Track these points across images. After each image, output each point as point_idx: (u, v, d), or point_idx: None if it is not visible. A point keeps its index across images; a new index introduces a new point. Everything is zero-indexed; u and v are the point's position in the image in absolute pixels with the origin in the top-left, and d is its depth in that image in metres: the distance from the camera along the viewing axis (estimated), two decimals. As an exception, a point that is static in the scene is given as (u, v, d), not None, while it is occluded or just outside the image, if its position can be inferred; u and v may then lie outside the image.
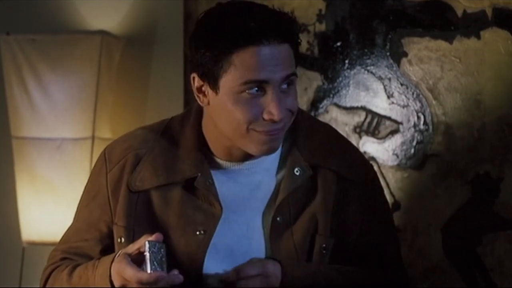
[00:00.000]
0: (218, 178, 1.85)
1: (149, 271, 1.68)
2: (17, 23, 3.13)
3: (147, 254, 1.69)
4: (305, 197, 1.85)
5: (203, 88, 1.80)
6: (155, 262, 1.69)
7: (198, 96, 1.82)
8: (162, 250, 1.71)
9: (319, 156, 1.87)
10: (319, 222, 1.85)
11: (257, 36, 1.72)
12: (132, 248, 1.75)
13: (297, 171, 1.84)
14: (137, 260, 1.73)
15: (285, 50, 1.75)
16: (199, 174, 1.83)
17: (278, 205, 1.83)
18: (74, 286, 1.83)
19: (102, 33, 2.95)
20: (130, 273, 1.69)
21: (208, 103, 1.80)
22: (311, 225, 1.84)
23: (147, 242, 1.70)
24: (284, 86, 1.76)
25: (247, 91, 1.74)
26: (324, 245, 1.85)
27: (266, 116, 1.74)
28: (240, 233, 1.84)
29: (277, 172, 1.87)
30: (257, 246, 1.84)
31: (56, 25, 3.10)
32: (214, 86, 1.77)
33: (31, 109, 2.97)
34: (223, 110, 1.77)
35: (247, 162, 1.85)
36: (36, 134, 2.96)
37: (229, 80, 1.75)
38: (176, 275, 1.70)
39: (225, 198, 1.84)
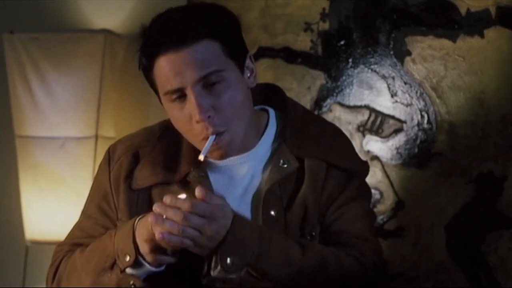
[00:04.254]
0: (212, 175, 1.87)
1: None
2: (20, 21, 3.14)
3: None
4: (295, 188, 1.86)
5: None
6: None
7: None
8: None
9: (307, 147, 1.88)
10: (308, 211, 1.85)
11: (162, 47, 1.75)
12: None
13: (282, 163, 1.85)
14: None
15: (199, 49, 1.75)
16: (192, 169, 1.85)
17: (266, 197, 1.83)
18: (87, 257, 1.84)
19: (106, 31, 2.95)
20: (159, 227, 1.69)
21: None
22: (301, 215, 1.85)
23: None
24: (210, 85, 1.76)
25: (172, 99, 1.78)
26: (313, 233, 1.85)
27: (193, 119, 1.77)
28: None
29: (265, 168, 1.88)
30: None
31: (60, 24, 3.10)
32: (160, 99, 1.84)
33: (35, 108, 2.97)
34: (171, 121, 1.84)
35: (237, 156, 1.86)
36: (40, 133, 2.96)
37: (159, 92, 1.81)
38: None
39: (220, 193, 1.83)
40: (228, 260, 1.71)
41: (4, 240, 3.21)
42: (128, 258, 1.76)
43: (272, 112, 1.94)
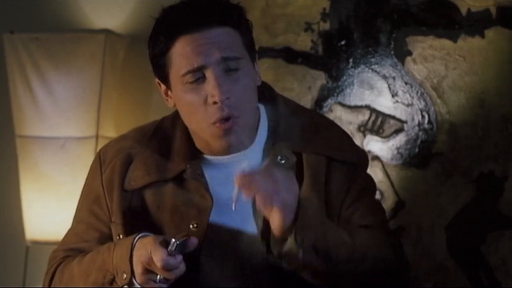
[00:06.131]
0: (208, 173, 1.86)
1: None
2: (21, 21, 3.14)
3: (176, 241, 1.70)
4: None
5: (168, 92, 1.86)
6: (181, 250, 1.71)
7: (166, 99, 1.87)
8: (187, 245, 1.73)
9: (303, 142, 1.87)
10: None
11: (185, 26, 1.76)
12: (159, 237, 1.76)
13: (280, 159, 1.84)
14: None
15: (223, 33, 1.78)
16: (188, 166, 1.85)
17: None
18: (86, 269, 1.84)
19: (106, 31, 2.95)
20: (160, 255, 1.69)
21: (174, 105, 1.85)
22: None
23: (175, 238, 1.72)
24: (228, 70, 1.78)
25: (189, 80, 1.77)
26: None
27: (210, 100, 1.77)
28: (233, 226, 1.84)
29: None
30: (252, 237, 1.83)
31: (60, 24, 3.10)
32: (168, 85, 1.83)
33: (35, 107, 2.97)
34: (180, 106, 1.83)
35: (233, 155, 1.86)
36: (40, 133, 2.97)
37: (173, 75, 1.80)
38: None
39: (216, 191, 1.84)
40: (298, 237, 1.68)
41: (4, 240, 3.21)
42: (125, 276, 1.76)
43: (262, 108, 1.92)
